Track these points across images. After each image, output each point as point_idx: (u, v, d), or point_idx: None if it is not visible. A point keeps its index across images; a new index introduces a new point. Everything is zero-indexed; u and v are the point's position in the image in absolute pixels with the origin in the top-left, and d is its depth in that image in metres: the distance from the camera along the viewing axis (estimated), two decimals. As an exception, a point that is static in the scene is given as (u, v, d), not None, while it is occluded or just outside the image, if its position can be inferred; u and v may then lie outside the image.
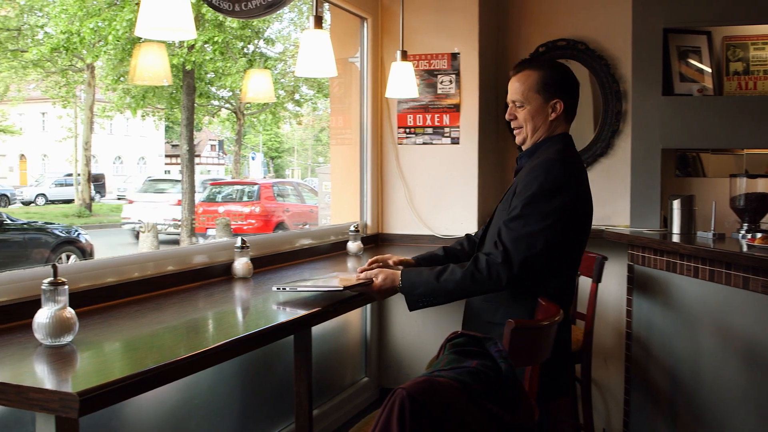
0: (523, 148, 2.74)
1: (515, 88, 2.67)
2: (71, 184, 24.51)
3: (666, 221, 4.06)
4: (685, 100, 4.22)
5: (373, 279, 2.67)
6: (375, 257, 2.96)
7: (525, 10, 4.79)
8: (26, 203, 25.89)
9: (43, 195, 26.96)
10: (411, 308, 2.60)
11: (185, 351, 1.93)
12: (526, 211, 2.49)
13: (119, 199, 26.98)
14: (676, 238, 3.81)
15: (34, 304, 2.00)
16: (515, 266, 2.46)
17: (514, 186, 2.63)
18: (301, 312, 2.51)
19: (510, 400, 1.98)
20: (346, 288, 2.71)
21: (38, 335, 1.94)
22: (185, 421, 3.06)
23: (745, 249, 3.40)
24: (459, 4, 4.46)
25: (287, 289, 2.76)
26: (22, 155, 34.20)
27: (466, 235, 3.20)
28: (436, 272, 2.53)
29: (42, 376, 1.81)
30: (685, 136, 4.21)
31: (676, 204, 3.96)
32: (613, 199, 4.53)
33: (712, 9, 4.14)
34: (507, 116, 2.73)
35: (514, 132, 2.74)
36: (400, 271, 2.63)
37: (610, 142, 4.56)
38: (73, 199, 23.59)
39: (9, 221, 9.66)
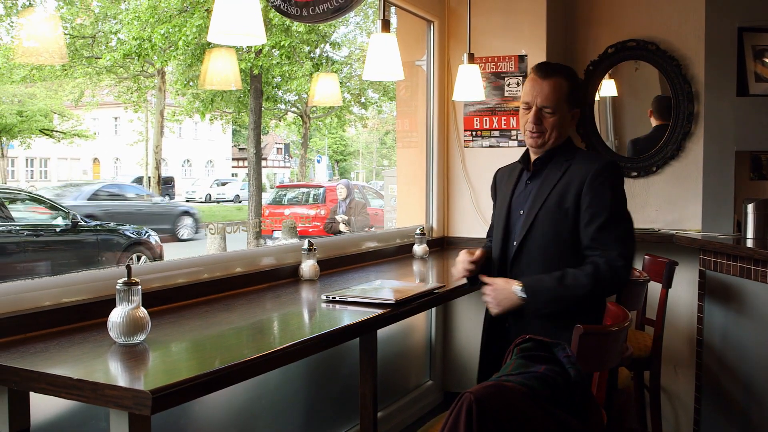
0: (538, 151, 2.71)
1: (547, 95, 2.63)
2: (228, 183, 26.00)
3: (740, 226, 3.96)
4: (760, 101, 4.10)
5: (490, 308, 2.60)
6: (464, 258, 2.86)
7: (593, 10, 4.72)
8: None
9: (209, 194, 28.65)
10: (533, 315, 2.56)
11: (252, 352, 1.96)
12: (615, 210, 2.53)
13: (187, 201, 27.56)
14: (750, 243, 3.71)
15: (109, 304, 2.05)
16: (630, 265, 2.51)
17: (562, 187, 2.59)
18: (368, 315, 2.51)
19: (578, 407, 1.95)
20: (399, 301, 2.68)
21: (112, 334, 1.99)
22: (252, 420, 3.10)
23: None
24: (526, 6, 4.42)
25: (337, 298, 2.75)
26: (96, 159, 35.12)
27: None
28: (557, 278, 2.49)
29: (116, 373, 1.86)
30: (761, 137, 4.10)
31: (751, 208, 3.85)
32: (683, 203, 4.42)
33: (789, 7, 4.02)
34: (532, 119, 2.65)
35: (531, 134, 2.68)
36: (515, 285, 2.54)
37: (681, 145, 4.45)
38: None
39: (83, 222, 9.92)
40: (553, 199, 2.60)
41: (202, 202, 28.09)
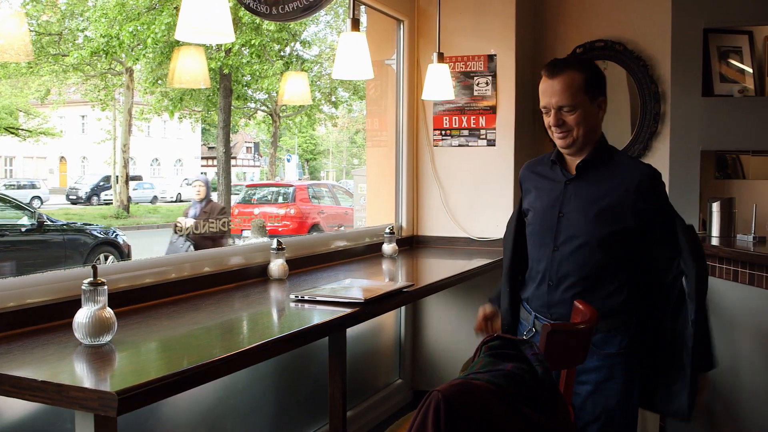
0: (572, 150, 2.61)
1: (560, 92, 2.52)
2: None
3: (705, 224, 4.01)
4: (725, 101, 4.16)
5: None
6: (484, 325, 2.95)
7: (562, 11, 4.75)
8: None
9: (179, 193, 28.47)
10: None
11: (221, 352, 1.95)
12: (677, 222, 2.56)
13: (153, 200, 27.41)
14: (715, 242, 3.76)
15: (75, 304, 2.03)
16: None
17: (609, 191, 2.55)
18: (336, 314, 2.51)
19: (545, 404, 1.96)
20: (368, 300, 2.68)
21: (78, 335, 1.97)
22: (220, 420, 3.08)
23: (786, 253, 3.34)
24: (495, 6, 4.44)
25: (306, 297, 2.74)
26: (62, 157, 34.70)
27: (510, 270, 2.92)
28: (701, 335, 2.54)
29: (81, 375, 1.84)
30: (725, 137, 4.15)
31: (716, 207, 3.90)
32: (651, 202, 4.47)
33: (753, 8, 4.08)
34: (553, 122, 2.55)
35: (558, 135, 2.58)
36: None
37: (647, 144, 4.50)
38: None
39: (49, 222, 9.80)
40: (600, 202, 2.55)
41: (173, 202, 27.89)
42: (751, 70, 4.30)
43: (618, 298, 2.56)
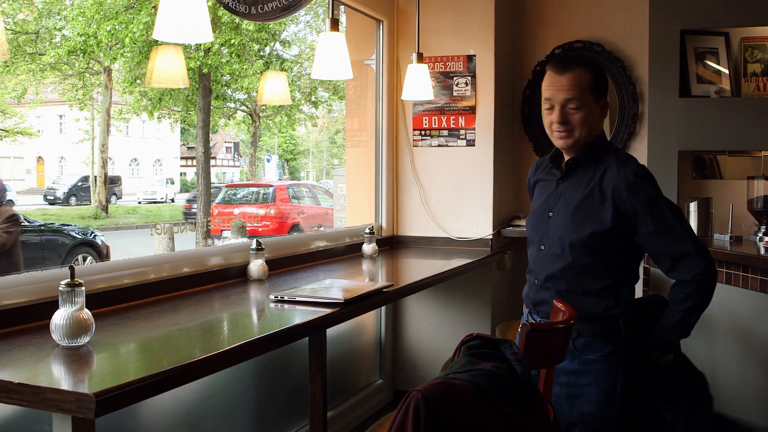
0: (569, 150, 2.56)
1: (568, 88, 2.46)
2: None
3: (683, 224, 4.03)
4: (702, 102, 4.20)
5: None
6: None
7: (541, 11, 4.78)
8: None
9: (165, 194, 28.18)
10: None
11: (201, 352, 1.94)
12: (669, 216, 2.45)
13: (140, 202, 27.26)
14: (693, 241, 3.78)
15: (52, 306, 2.02)
16: (708, 256, 2.46)
17: (594, 191, 2.49)
18: (316, 314, 2.51)
19: (525, 403, 1.97)
20: (348, 300, 2.68)
21: (55, 336, 1.96)
22: (200, 422, 3.07)
23: (762, 252, 3.38)
24: (475, 7, 4.45)
25: (285, 298, 2.73)
26: (40, 157, 34.40)
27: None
28: (674, 323, 2.47)
29: (59, 376, 1.82)
30: (702, 138, 4.19)
31: (693, 206, 3.94)
32: (629, 202, 4.50)
33: (730, 10, 4.12)
34: (557, 118, 2.49)
35: (559, 134, 2.52)
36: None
37: (626, 144, 4.53)
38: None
39: (26, 223, 9.71)
40: (578, 203, 2.51)
41: (156, 202, 27.75)
42: (727, 71, 4.35)
43: (601, 302, 2.50)
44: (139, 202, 27.49)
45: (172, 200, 28.62)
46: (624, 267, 2.56)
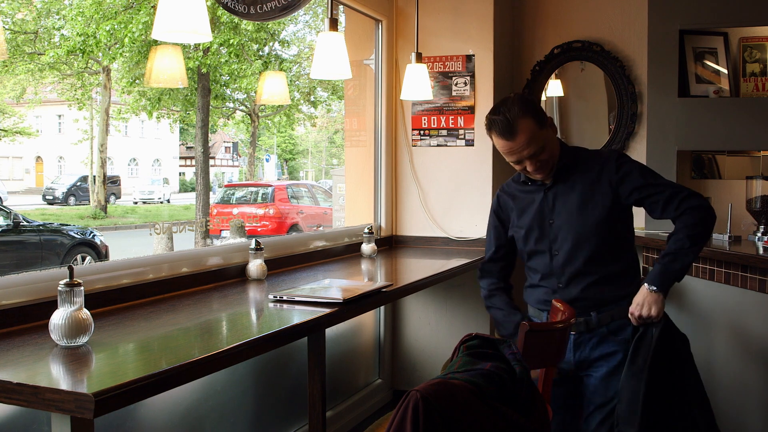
0: (547, 176, 2.71)
1: (526, 146, 2.57)
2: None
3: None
4: (701, 102, 4.20)
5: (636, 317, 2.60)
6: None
7: (540, 11, 4.78)
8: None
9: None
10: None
11: (200, 352, 1.94)
12: (652, 179, 2.66)
13: (136, 202, 27.20)
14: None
15: (51, 305, 2.02)
16: (696, 192, 2.64)
17: (588, 188, 2.67)
18: (315, 314, 2.51)
19: (523, 403, 1.97)
20: (347, 300, 2.68)
21: (54, 336, 1.96)
22: (199, 422, 3.07)
23: (761, 251, 3.38)
24: (473, 7, 4.45)
25: (284, 297, 2.73)
26: (39, 157, 34.37)
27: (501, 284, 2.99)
28: (663, 257, 2.58)
29: (58, 376, 1.82)
30: (701, 137, 4.20)
31: (692, 206, 3.93)
32: (628, 202, 4.50)
33: (728, 10, 4.13)
34: (533, 168, 2.64)
35: (537, 174, 2.68)
36: (644, 288, 2.58)
37: (625, 144, 4.53)
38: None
39: (25, 223, 9.70)
40: (584, 200, 2.67)
41: (150, 202, 27.75)
42: (726, 71, 4.35)
43: (625, 283, 2.69)
44: (135, 203, 27.46)
45: (168, 200, 28.59)
46: (630, 248, 2.77)
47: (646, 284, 2.57)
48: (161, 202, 28.61)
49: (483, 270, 2.98)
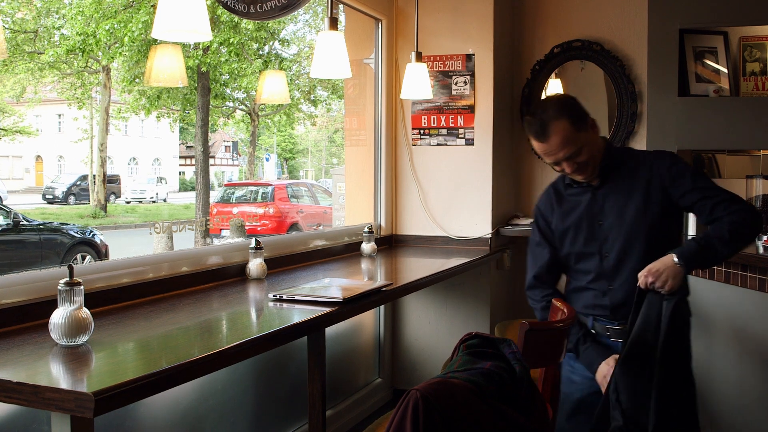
0: (589, 177, 2.68)
1: (561, 148, 2.55)
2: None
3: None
4: (700, 101, 4.20)
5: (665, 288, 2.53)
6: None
7: (540, 11, 4.78)
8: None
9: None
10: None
11: (199, 351, 1.94)
12: (703, 182, 2.62)
13: (129, 202, 27.19)
14: (691, 240, 3.78)
15: (50, 305, 2.02)
16: (742, 199, 2.63)
17: (641, 188, 2.64)
18: (315, 313, 2.51)
19: (524, 402, 1.97)
20: (347, 299, 2.68)
21: (54, 335, 1.96)
22: (199, 421, 3.07)
23: (761, 251, 3.38)
24: (473, 6, 4.45)
25: (284, 297, 2.73)
26: (39, 156, 34.36)
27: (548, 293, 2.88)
28: (706, 241, 2.53)
29: (58, 376, 1.82)
30: (701, 137, 4.19)
31: (692, 205, 3.93)
32: (628, 201, 4.50)
33: (728, 9, 4.12)
34: (570, 170, 2.62)
35: (576, 174, 2.65)
36: (671, 259, 2.51)
37: (624, 144, 4.53)
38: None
39: (25, 222, 9.70)
40: (637, 200, 2.64)
41: (143, 201, 27.72)
42: (726, 71, 4.35)
43: None
44: (128, 202, 27.45)
45: (164, 200, 28.55)
46: (670, 241, 2.69)
47: (674, 254, 2.49)
48: (153, 201, 28.56)
49: (537, 279, 2.86)
